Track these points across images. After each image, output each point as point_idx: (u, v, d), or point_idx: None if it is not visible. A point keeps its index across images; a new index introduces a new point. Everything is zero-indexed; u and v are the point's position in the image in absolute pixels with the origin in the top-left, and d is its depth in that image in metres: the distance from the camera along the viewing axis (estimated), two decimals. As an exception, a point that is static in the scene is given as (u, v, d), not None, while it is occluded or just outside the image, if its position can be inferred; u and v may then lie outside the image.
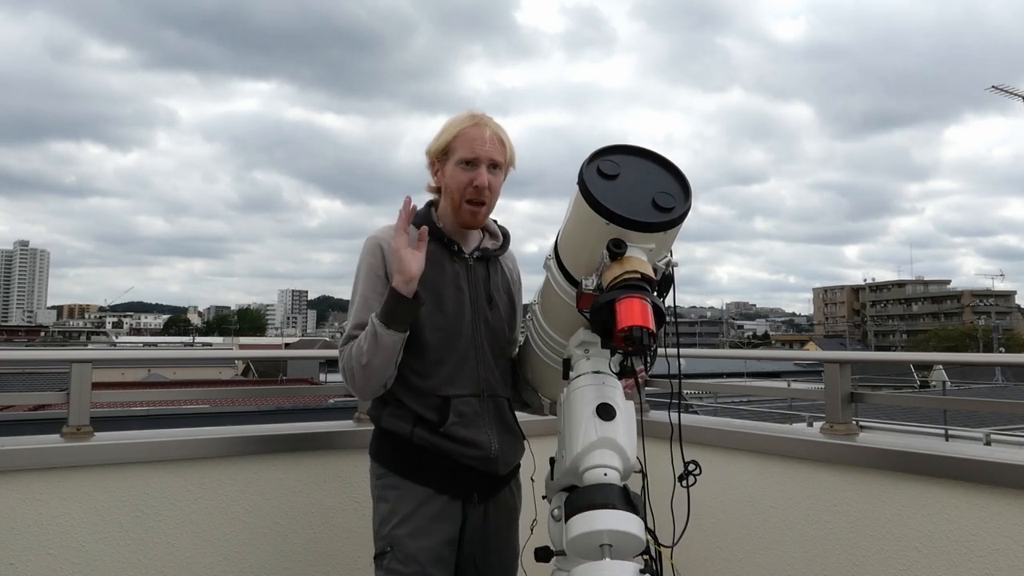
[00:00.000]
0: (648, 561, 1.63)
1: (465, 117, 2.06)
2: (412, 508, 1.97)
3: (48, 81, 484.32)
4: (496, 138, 2.03)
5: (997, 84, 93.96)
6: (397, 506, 1.98)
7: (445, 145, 2.04)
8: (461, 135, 2.02)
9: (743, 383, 7.32)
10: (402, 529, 1.96)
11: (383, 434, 2.07)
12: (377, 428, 2.09)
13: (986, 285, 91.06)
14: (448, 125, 2.07)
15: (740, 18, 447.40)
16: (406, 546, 1.94)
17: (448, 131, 2.05)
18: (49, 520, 2.28)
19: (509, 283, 2.20)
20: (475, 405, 2.02)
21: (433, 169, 2.10)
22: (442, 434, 1.97)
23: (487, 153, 2.01)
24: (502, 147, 2.05)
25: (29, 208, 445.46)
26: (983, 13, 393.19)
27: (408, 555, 1.94)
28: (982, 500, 2.20)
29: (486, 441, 2.01)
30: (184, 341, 58.87)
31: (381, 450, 2.08)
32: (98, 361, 2.70)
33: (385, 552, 1.96)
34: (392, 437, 2.03)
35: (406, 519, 1.97)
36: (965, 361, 14.12)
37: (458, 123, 2.05)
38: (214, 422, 3.85)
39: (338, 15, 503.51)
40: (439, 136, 2.07)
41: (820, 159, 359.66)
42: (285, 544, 2.58)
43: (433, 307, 2.00)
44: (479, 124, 2.04)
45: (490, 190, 2.03)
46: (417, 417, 1.99)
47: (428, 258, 1.97)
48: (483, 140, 2.02)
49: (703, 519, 2.11)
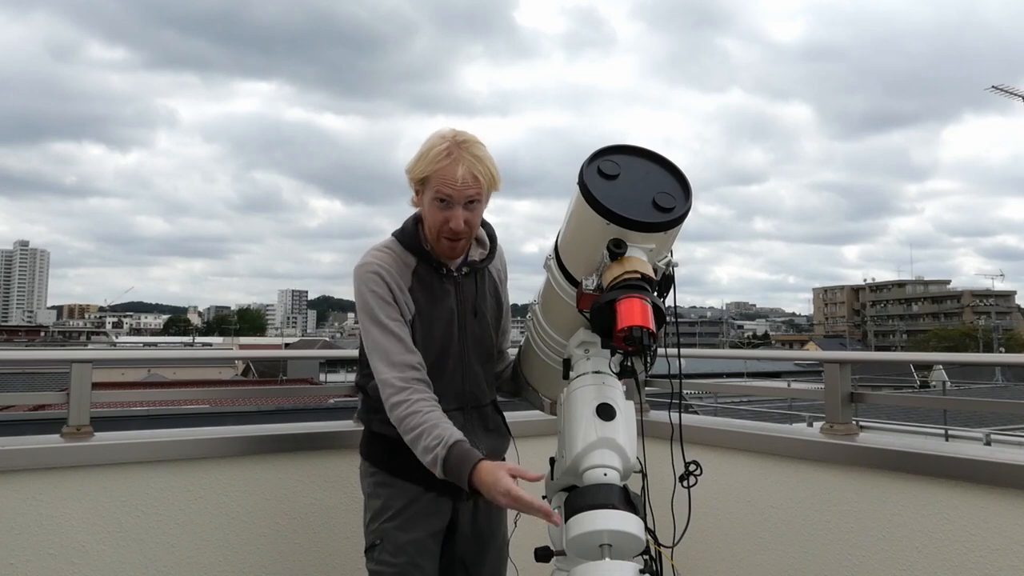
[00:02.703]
0: (648, 561, 1.63)
1: (442, 151, 1.96)
2: (403, 504, 2.04)
3: (48, 81, 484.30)
4: (470, 176, 1.95)
5: (997, 84, 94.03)
6: (388, 502, 2.06)
7: (422, 178, 2.00)
8: (435, 175, 1.96)
9: (743, 383, 7.32)
10: (392, 523, 2.04)
11: (374, 436, 2.12)
12: (368, 431, 2.16)
13: (986, 285, 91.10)
14: (425, 153, 2.00)
15: (739, 19, 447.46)
16: (395, 538, 2.02)
17: (423, 162, 1.98)
18: (49, 520, 2.28)
19: (496, 285, 2.22)
20: (460, 419, 2.04)
21: (414, 189, 2.06)
22: None
23: (461, 193, 1.96)
24: (478, 183, 1.98)
25: (29, 208, 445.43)
26: (981, 14, 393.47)
27: (397, 547, 2.02)
28: (982, 500, 2.20)
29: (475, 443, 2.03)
30: (184, 341, 58.90)
31: (372, 450, 2.14)
32: (98, 361, 2.70)
33: (375, 545, 2.04)
34: (383, 439, 2.06)
35: (397, 514, 2.04)
36: (965, 361, 14.14)
37: (434, 158, 1.97)
38: (214, 422, 3.85)
39: (339, 15, 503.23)
40: (416, 162, 2.01)
41: (819, 159, 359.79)
42: (285, 544, 2.58)
43: (425, 332, 2.03)
44: (454, 161, 1.95)
45: (468, 225, 2.00)
46: None
47: (420, 281, 2.04)
48: (455, 180, 1.94)
49: (703, 519, 2.11)
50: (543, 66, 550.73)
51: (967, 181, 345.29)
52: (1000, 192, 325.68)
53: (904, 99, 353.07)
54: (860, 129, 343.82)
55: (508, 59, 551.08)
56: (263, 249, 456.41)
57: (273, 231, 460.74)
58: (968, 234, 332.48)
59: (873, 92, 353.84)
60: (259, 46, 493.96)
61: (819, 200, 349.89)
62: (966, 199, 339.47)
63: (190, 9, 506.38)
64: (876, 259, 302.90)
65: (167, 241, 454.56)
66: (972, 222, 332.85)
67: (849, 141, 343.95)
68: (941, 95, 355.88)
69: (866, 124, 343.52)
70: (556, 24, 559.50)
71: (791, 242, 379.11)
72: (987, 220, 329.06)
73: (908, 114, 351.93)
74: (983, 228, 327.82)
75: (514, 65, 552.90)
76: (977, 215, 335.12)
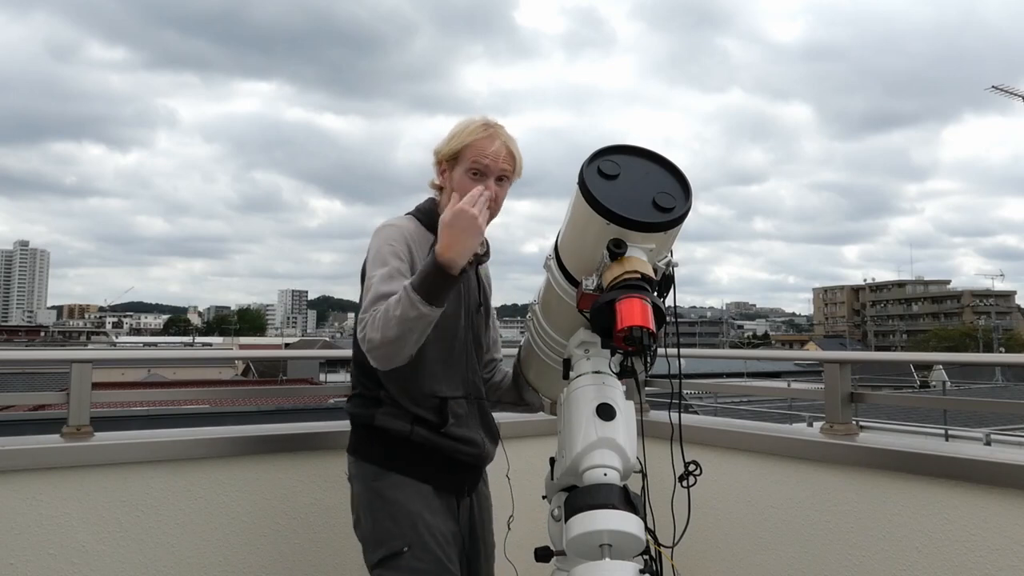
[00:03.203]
0: (648, 561, 1.63)
1: (478, 126, 2.04)
2: (422, 505, 1.99)
3: (48, 81, 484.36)
4: (507, 151, 2.03)
5: (997, 84, 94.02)
6: (409, 505, 1.98)
7: (456, 151, 2.03)
8: (473, 145, 2.01)
9: (743, 383, 7.32)
10: (418, 526, 1.96)
11: (375, 433, 2.03)
12: (367, 427, 2.06)
13: (986, 285, 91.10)
14: (460, 130, 2.05)
15: (739, 19, 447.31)
16: (426, 542, 1.95)
17: (460, 137, 2.03)
18: (49, 520, 2.28)
19: (486, 286, 2.25)
20: (465, 406, 2.07)
21: (439, 169, 2.09)
22: (442, 433, 2.01)
23: (498, 166, 2.02)
24: (512, 160, 2.05)
25: (29, 208, 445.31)
26: (981, 14, 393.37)
27: (428, 550, 1.95)
28: (982, 500, 2.20)
29: (479, 439, 2.09)
30: (184, 341, 58.89)
31: (372, 450, 2.05)
32: (98, 361, 2.70)
33: (402, 552, 1.94)
34: (387, 436, 2.01)
35: (418, 516, 1.97)
36: (965, 361, 14.13)
37: (471, 131, 2.03)
38: (214, 422, 3.85)
39: (338, 15, 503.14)
40: (450, 139, 2.05)
41: (819, 159, 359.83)
42: (285, 544, 2.58)
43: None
44: (492, 135, 2.02)
45: (495, 201, 2.03)
46: (415, 417, 2.00)
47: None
48: (495, 153, 2.01)
49: (703, 519, 2.11)
50: (543, 66, 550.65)
51: (967, 181, 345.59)
52: (1000, 192, 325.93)
53: (904, 99, 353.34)
54: (860, 129, 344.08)
55: (508, 59, 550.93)
56: (263, 249, 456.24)
57: (273, 231, 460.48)
58: (968, 234, 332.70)
59: (873, 92, 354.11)
60: (259, 46, 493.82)
61: (819, 200, 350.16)
62: (966, 199, 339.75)
63: (190, 9, 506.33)
64: (876, 259, 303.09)
65: (167, 241, 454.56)
66: (972, 222, 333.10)
67: (849, 141, 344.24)
68: (941, 95, 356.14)
69: (866, 124, 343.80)
70: (556, 24, 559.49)
71: (791, 242, 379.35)
72: (987, 220, 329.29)
73: (908, 114, 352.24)
74: (983, 228, 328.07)
75: (514, 65, 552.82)
76: (977, 215, 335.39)
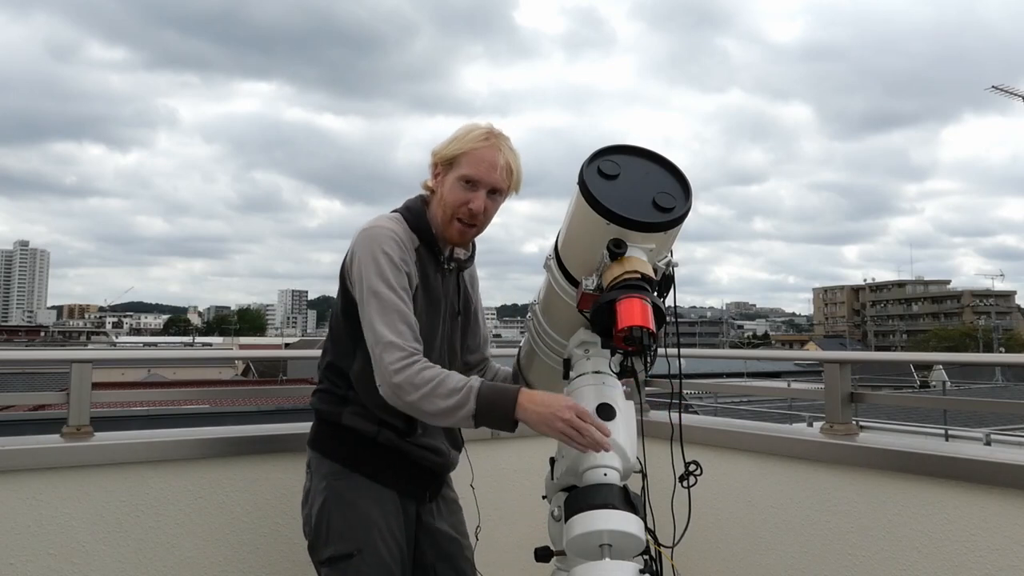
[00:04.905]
0: (648, 561, 1.63)
1: (480, 134, 1.97)
2: (380, 512, 1.96)
3: (48, 81, 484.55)
4: (507, 165, 1.96)
5: (997, 84, 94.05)
6: (368, 510, 1.95)
7: (453, 155, 1.96)
8: (471, 153, 1.94)
9: (743, 383, 7.31)
10: (372, 532, 1.94)
11: (340, 430, 1.99)
12: (332, 424, 2.01)
13: (986, 285, 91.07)
14: (462, 135, 1.98)
15: (739, 19, 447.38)
16: (377, 549, 1.93)
17: (460, 142, 1.97)
18: (49, 520, 2.28)
19: (468, 291, 2.18)
20: None
21: (434, 171, 2.03)
22: (408, 441, 1.99)
23: (492, 179, 1.95)
24: (509, 175, 1.98)
25: (29, 208, 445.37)
26: (981, 14, 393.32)
27: (379, 557, 1.92)
28: (982, 500, 2.20)
29: (444, 448, 2.08)
30: (184, 341, 58.85)
31: (338, 448, 2.01)
32: (98, 361, 2.70)
33: (351, 555, 1.92)
34: (353, 435, 1.98)
35: (375, 523, 1.94)
36: (965, 361, 14.14)
37: (472, 139, 1.96)
38: (214, 422, 3.85)
39: (339, 15, 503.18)
40: (450, 143, 1.99)
41: (819, 159, 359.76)
42: (285, 544, 2.57)
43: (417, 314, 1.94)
44: (492, 146, 1.95)
45: (484, 214, 1.98)
46: (381, 421, 1.96)
47: (419, 261, 1.97)
48: (492, 165, 1.94)
49: (703, 519, 2.11)
50: (543, 66, 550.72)
51: (967, 181, 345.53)
52: (1000, 192, 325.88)
53: (904, 99, 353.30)
54: (860, 129, 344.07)
55: (508, 59, 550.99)
56: (263, 249, 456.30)
57: (273, 231, 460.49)
58: (968, 234, 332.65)
59: (873, 92, 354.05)
60: (259, 46, 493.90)
61: (819, 200, 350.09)
62: (966, 199, 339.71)
63: (190, 9, 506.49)
64: (876, 259, 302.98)
65: (167, 241, 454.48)
66: (972, 222, 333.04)
67: (849, 141, 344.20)
68: (941, 95, 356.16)
69: (866, 124, 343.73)
70: (556, 24, 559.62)
71: (791, 242, 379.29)
72: (987, 220, 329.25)
73: (908, 114, 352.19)
74: (983, 228, 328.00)
75: (514, 65, 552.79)
76: (977, 215, 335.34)
